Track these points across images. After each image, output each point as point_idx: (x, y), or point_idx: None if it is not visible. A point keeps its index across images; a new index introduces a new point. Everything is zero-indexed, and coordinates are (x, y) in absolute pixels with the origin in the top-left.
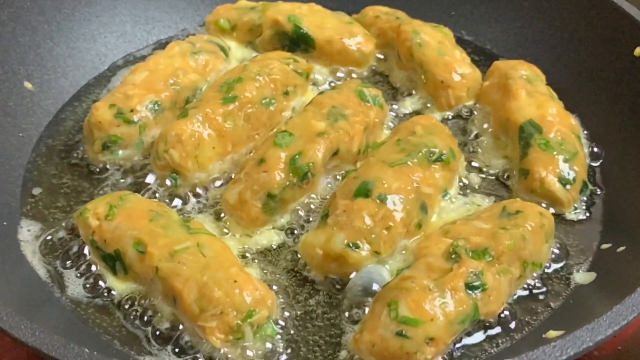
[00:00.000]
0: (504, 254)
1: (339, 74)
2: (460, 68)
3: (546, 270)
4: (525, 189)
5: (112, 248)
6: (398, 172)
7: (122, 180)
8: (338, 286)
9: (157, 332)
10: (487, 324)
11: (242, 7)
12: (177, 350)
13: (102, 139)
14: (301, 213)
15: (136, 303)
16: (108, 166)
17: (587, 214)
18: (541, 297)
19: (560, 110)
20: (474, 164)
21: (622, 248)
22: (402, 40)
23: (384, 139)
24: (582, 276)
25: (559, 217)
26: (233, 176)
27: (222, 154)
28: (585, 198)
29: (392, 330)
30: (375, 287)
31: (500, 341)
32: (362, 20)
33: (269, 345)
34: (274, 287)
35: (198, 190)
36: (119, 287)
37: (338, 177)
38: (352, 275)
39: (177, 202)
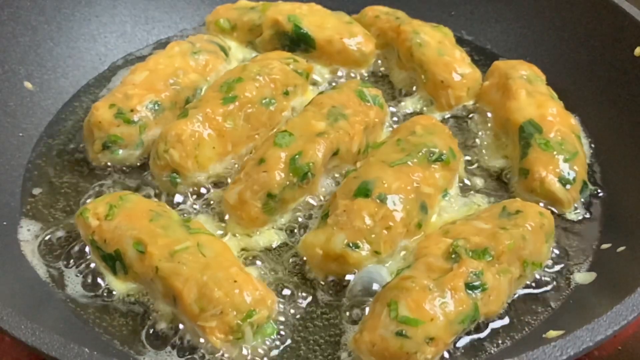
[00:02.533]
0: (504, 254)
1: (339, 74)
2: (460, 68)
3: (546, 270)
4: (525, 189)
5: (112, 248)
6: (398, 172)
7: (122, 180)
8: (338, 286)
9: (157, 332)
10: (487, 324)
11: (242, 7)
12: (177, 350)
13: (102, 139)
14: (301, 213)
15: (136, 303)
16: (108, 166)
17: (587, 214)
18: (541, 297)
19: (560, 110)
20: (474, 164)
21: (622, 248)
22: (402, 40)
23: (384, 139)
24: (582, 276)
25: (559, 217)
26: (233, 176)
27: (222, 154)
28: (585, 198)
29: (392, 330)
30: (375, 287)
31: (500, 341)
32: (362, 20)
33: (268, 345)
34: (274, 287)
35: (198, 190)
36: (119, 287)
37: (338, 177)
38: (352, 275)
39: (177, 201)
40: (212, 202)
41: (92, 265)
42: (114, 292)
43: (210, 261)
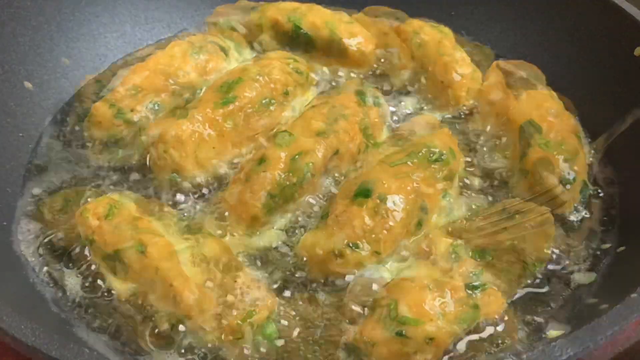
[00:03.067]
0: (504, 254)
1: (339, 74)
2: (460, 68)
3: (546, 270)
4: (525, 189)
5: (112, 248)
6: (398, 172)
7: (122, 180)
8: (338, 286)
9: (158, 332)
10: (487, 324)
11: (242, 7)
12: (177, 350)
13: (102, 139)
14: (301, 213)
15: (136, 303)
16: (108, 166)
17: (587, 214)
18: (541, 297)
19: (560, 110)
20: (474, 164)
21: (622, 248)
22: (402, 40)
23: (384, 139)
24: (582, 276)
25: (559, 217)
26: (233, 176)
27: (222, 154)
28: (585, 198)
29: (392, 330)
30: (375, 287)
31: (500, 341)
32: (362, 20)
33: (268, 345)
34: (274, 287)
35: (198, 190)
36: (119, 287)
37: (338, 177)
38: (352, 275)
39: (178, 201)
40: (212, 202)
41: (92, 265)
42: (114, 292)
43: (210, 261)
